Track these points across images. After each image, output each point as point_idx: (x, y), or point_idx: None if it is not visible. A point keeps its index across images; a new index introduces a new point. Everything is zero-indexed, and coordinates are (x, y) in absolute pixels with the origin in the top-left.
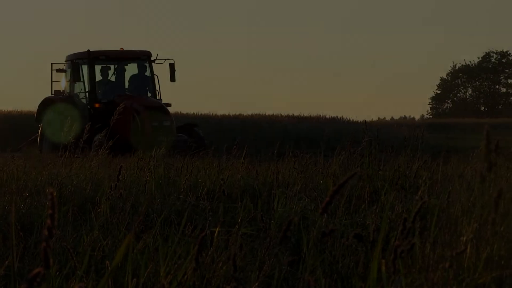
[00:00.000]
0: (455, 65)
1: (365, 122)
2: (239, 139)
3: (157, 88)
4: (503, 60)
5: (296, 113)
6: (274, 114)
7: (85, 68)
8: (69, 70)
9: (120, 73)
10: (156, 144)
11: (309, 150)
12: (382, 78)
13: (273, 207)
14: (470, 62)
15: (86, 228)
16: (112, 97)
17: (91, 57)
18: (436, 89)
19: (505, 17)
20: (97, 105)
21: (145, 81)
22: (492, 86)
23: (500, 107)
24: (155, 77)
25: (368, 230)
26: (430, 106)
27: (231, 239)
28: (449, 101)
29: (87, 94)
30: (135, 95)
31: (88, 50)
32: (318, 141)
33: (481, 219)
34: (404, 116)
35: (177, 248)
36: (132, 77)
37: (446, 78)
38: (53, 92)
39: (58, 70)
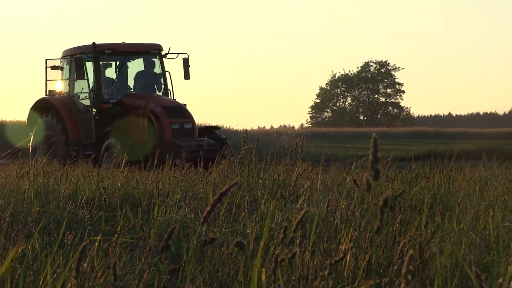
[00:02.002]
0: (335, 75)
1: (245, 130)
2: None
3: (169, 86)
4: (382, 70)
5: None
6: None
7: (89, 64)
8: (67, 67)
9: (126, 69)
10: (177, 151)
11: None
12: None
13: (153, 216)
14: (350, 71)
15: None
16: (120, 96)
17: (97, 51)
18: (315, 98)
19: (384, 27)
20: (105, 106)
21: (155, 79)
22: (371, 96)
23: (379, 116)
24: (167, 73)
25: (248, 238)
26: (310, 115)
27: (111, 248)
28: (328, 110)
29: (92, 94)
30: (146, 94)
31: (94, 42)
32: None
33: (360, 228)
34: (284, 125)
35: (56, 257)
36: (139, 74)
37: (325, 87)
38: (47, 93)
39: (53, 68)
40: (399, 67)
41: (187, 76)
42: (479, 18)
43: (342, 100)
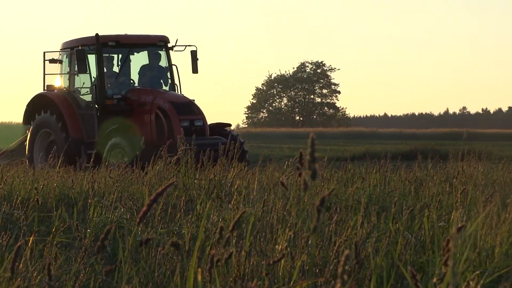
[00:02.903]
0: (271, 75)
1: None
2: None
3: (176, 81)
4: (318, 70)
5: None
6: None
7: (91, 57)
8: (66, 61)
9: (129, 62)
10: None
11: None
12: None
13: (89, 216)
14: (286, 72)
15: None
16: (124, 92)
17: (100, 44)
18: (251, 99)
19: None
20: (110, 102)
21: (161, 72)
22: (307, 96)
23: (315, 116)
24: (174, 67)
25: (184, 239)
26: (246, 115)
27: (46, 248)
28: (264, 111)
29: (95, 89)
30: (152, 89)
31: (97, 34)
32: None
33: (296, 228)
34: None
35: None
36: (144, 68)
37: (261, 87)
38: (45, 88)
39: (52, 61)
40: (334, 68)
41: (195, 70)
42: (412, 18)
43: (278, 100)
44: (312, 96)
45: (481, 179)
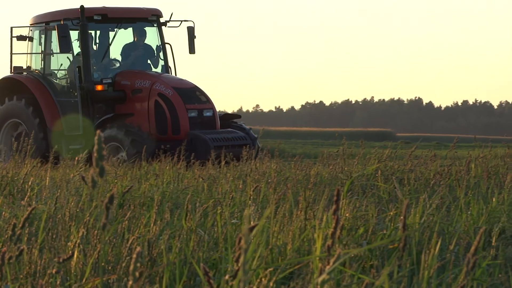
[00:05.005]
0: None
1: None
2: None
3: (170, 63)
4: None
5: None
6: None
7: (73, 34)
8: (39, 38)
9: (107, 40)
10: (203, 146)
11: None
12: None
13: None
14: None
15: None
16: (110, 75)
17: (85, 18)
18: None
19: None
20: (99, 88)
21: (148, 52)
22: None
23: None
24: (168, 46)
25: None
26: None
27: None
28: None
29: (80, 71)
30: (148, 72)
31: (82, 6)
32: None
33: (89, 225)
34: None
35: None
36: (128, 46)
37: None
38: (12, 70)
39: (20, 38)
40: None
41: (192, 49)
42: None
43: None
44: None
45: (273, 176)
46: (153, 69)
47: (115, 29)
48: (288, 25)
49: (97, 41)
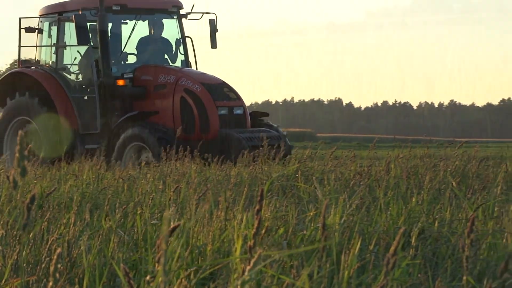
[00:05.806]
0: None
1: None
2: None
3: (191, 58)
4: None
5: None
6: None
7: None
8: (48, 30)
9: (120, 32)
10: (238, 146)
11: None
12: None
13: None
14: None
15: None
16: (129, 69)
17: (104, 8)
18: None
19: None
20: (121, 83)
21: (167, 46)
22: None
23: None
24: (189, 39)
25: None
26: None
27: None
28: None
29: (98, 65)
30: (172, 67)
31: None
32: None
33: (8, 225)
34: None
35: None
36: (145, 39)
37: None
38: (20, 64)
39: (28, 30)
40: None
41: (214, 44)
42: None
43: None
44: None
45: (194, 177)
46: (171, 64)
47: (134, 21)
48: None
49: (109, 33)
